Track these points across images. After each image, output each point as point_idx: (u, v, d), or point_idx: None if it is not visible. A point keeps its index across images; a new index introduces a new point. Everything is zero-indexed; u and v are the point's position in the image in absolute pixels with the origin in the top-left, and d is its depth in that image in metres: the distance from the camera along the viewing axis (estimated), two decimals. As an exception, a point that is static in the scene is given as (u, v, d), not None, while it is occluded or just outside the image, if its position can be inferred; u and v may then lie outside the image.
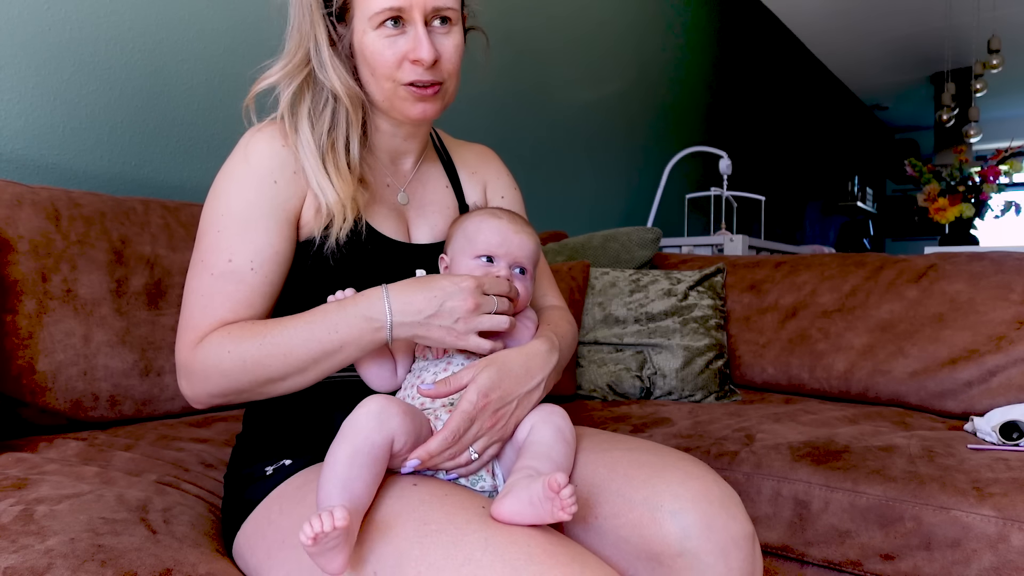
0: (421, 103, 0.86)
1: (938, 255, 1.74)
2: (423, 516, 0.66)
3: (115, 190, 1.48)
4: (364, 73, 0.86)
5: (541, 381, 0.81)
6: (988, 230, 4.57)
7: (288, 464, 0.82)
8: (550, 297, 1.03)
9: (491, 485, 0.78)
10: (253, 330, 0.79)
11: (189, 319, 0.82)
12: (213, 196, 0.86)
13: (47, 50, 1.38)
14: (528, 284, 0.88)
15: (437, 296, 0.76)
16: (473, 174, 1.05)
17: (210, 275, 0.82)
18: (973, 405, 1.49)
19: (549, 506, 0.63)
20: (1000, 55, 4.53)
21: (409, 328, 0.77)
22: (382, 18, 0.82)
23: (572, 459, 0.80)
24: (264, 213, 0.83)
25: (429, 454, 0.71)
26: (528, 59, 2.70)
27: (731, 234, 2.98)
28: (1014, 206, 3.94)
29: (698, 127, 4.05)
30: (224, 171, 0.86)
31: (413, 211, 0.97)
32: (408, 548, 0.63)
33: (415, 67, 0.84)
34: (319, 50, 0.85)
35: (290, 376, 0.79)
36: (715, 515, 0.73)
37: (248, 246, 0.82)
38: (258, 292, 0.83)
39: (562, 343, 0.88)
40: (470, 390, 0.74)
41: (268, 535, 0.76)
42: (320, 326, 0.77)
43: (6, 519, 0.72)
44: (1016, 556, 1.00)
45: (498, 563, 0.60)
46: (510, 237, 0.86)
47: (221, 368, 0.79)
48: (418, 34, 0.82)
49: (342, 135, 0.87)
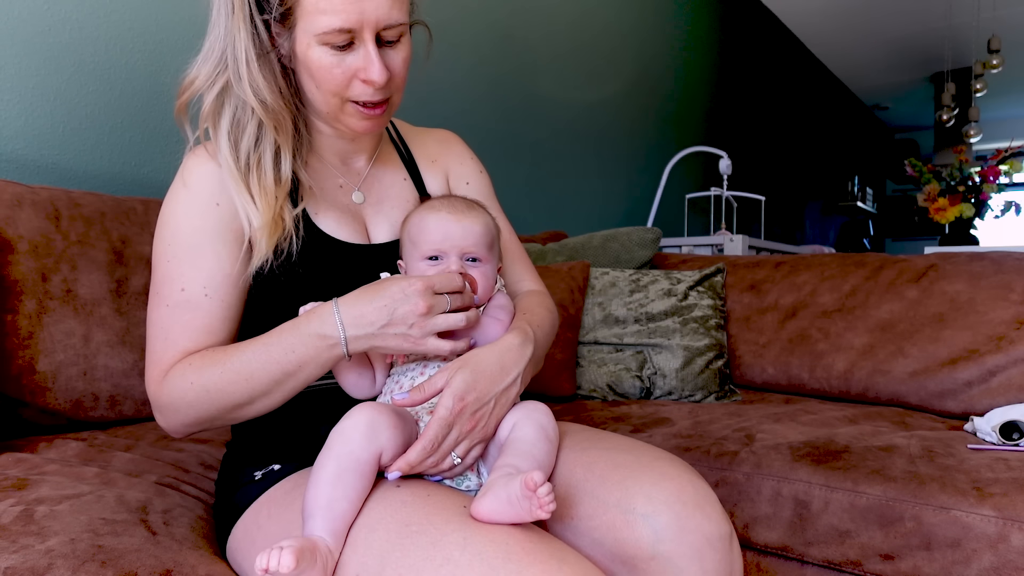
0: (368, 120, 0.83)
1: (938, 255, 1.74)
2: (405, 518, 0.66)
3: (115, 190, 1.48)
4: (307, 84, 0.81)
5: (517, 376, 0.79)
6: (988, 230, 4.57)
7: (276, 469, 0.82)
8: (527, 281, 0.99)
9: (476, 484, 0.78)
10: (214, 358, 0.78)
11: (152, 353, 0.81)
12: (160, 225, 0.83)
13: (47, 50, 1.38)
14: (487, 270, 0.84)
15: (387, 304, 0.73)
16: (433, 163, 1.01)
17: (166, 306, 0.81)
18: (973, 405, 1.49)
19: (527, 504, 0.62)
20: (1000, 55, 4.53)
21: (365, 340, 0.74)
22: (328, 40, 0.76)
23: (554, 456, 0.79)
24: (210, 238, 0.81)
25: (409, 465, 0.71)
26: (529, 60, 2.70)
27: (731, 234, 2.97)
28: (1014, 206, 3.94)
29: (698, 127, 4.05)
30: (168, 198, 0.84)
31: (370, 209, 0.93)
32: (390, 550, 0.63)
33: (366, 87, 0.80)
34: (236, 59, 0.78)
35: (256, 399, 0.77)
36: (688, 516, 0.72)
37: (199, 273, 0.81)
38: (216, 317, 0.81)
39: (538, 332, 0.86)
40: (445, 395, 0.73)
41: (257, 539, 0.76)
42: (276, 348, 0.76)
43: (6, 519, 0.72)
44: (1016, 556, 1.00)
45: (476, 562, 0.60)
46: (451, 229, 0.82)
47: (187, 399, 0.78)
48: (369, 54, 0.78)
49: (269, 149, 0.82)
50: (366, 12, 0.75)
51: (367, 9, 0.75)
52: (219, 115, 0.81)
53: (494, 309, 0.85)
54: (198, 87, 0.81)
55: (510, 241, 1.01)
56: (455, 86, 2.37)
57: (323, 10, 0.75)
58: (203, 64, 0.81)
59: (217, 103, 0.81)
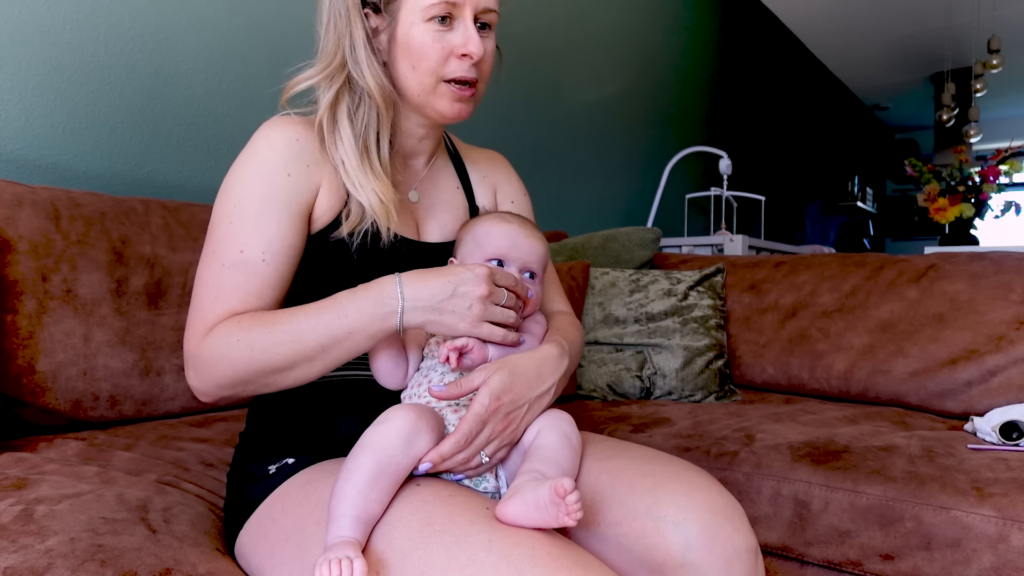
0: (458, 103, 0.88)
1: (938, 255, 1.74)
2: (427, 517, 0.66)
3: (115, 190, 1.48)
4: (403, 66, 0.86)
5: (552, 385, 0.81)
6: (988, 230, 4.57)
7: (291, 462, 0.81)
8: (558, 303, 1.03)
9: (494, 487, 0.78)
10: (263, 318, 0.79)
11: (199, 309, 0.82)
12: (226, 188, 0.85)
13: (47, 50, 1.38)
14: (538, 288, 0.88)
15: (451, 281, 0.75)
16: (484, 178, 1.06)
17: (221, 265, 0.81)
18: (973, 405, 1.49)
19: (554, 510, 0.63)
20: (1000, 55, 4.53)
21: (421, 314, 0.75)
22: (435, 12, 0.82)
23: (578, 465, 0.80)
24: (277, 206, 0.83)
25: (441, 457, 0.71)
26: (529, 60, 2.70)
27: (731, 234, 2.98)
28: (1014, 206, 3.94)
29: (698, 127, 4.05)
30: (238, 163, 0.86)
31: (423, 210, 0.96)
32: (411, 549, 0.63)
33: (462, 62, 0.85)
34: (355, 48, 0.85)
35: (297, 365, 0.77)
36: (719, 527, 0.73)
37: (260, 238, 0.82)
38: (269, 283, 0.82)
39: (571, 349, 0.88)
40: (482, 392, 0.74)
41: (271, 534, 0.76)
42: (330, 312, 0.76)
43: (6, 519, 0.72)
44: (1016, 556, 1.00)
45: (502, 564, 0.60)
46: (520, 241, 0.86)
47: (229, 357, 0.77)
48: (468, 29, 0.84)
49: (373, 135, 0.87)
50: None
51: None
52: (339, 103, 0.87)
53: (531, 323, 0.88)
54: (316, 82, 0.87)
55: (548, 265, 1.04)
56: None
57: None
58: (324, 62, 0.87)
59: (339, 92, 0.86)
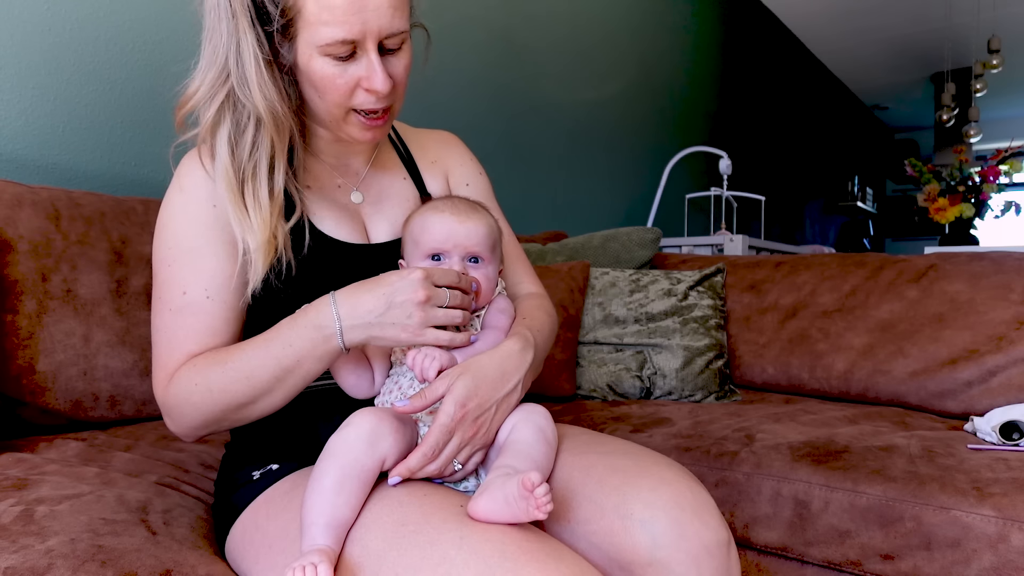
0: (371, 130, 0.83)
1: (938, 255, 1.74)
2: (401, 517, 0.66)
3: (115, 190, 1.48)
4: (309, 93, 0.81)
5: (518, 383, 0.79)
6: (988, 230, 4.56)
7: (275, 469, 0.82)
8: (526, 283, 0.99)
9: (475, 485, 0.78)
10: (216, 358, 0.78)
11: (158, 358, 0.82)
12: (159, 230, 0.83)
13: (47, 50, 1.38)
14: (488, 271, 0.84)
15: (385, 293, 0.73)
16: (433, 163, 1.00)
17: (169, 311, 0.81)
18: (973, 405, 1.49)
19: (524, 504, 0.62)
20: (1000, 55, 4.53)
21: (362, 331, 0.74)
22: (331, 51, 0.75)
23: (552, 458, 0.79)
24: (209, 239, 0.81)
25: (409, 470, 0.71)
26: (529, 60, 2.70)
27: (731, 234, 2.97)
28: (1014, 206, 3.94)
29: (698, 127, 4.05)
30: (164, 204, 0.84)
31: (369, 209, 0.92)
32: (386, 550, 0.63)
33: (369, 95, 0.79)
34: (242, 63, 0.76)
35: (259, 398, 0.77)
36: (687, 523, 0.71)
37: (200, 275, 0.81)
38: (219, 319, 0.81)
39: (538, 337, 0.85)
40: (447, 402, 0.73)
41: (256, 539, 0.76)
42: (275, 344, 0.76)
43: (6, 519, 0.72)
44: (1016, 556, 1.00)
45: (472, 560, 0.60)
46: (455, 228, 0.82)
47: (192, 401, 0.78)
48: (372, 63, 0.77)
49: (265, 160, 0.80)
50: (368, 22, 0.74)
51: (369, 19, 0.74)
52: (219, 124, 0.80)
53: (494, 312, 0.85)
54: (201, 97, 0.79)
55: (509, 243, 1.01)
56: (456, 88, 2.37)
57: (325, 21, 0.74)
58: (206, 72, 0.79)
59: (219, 113, 0.79)
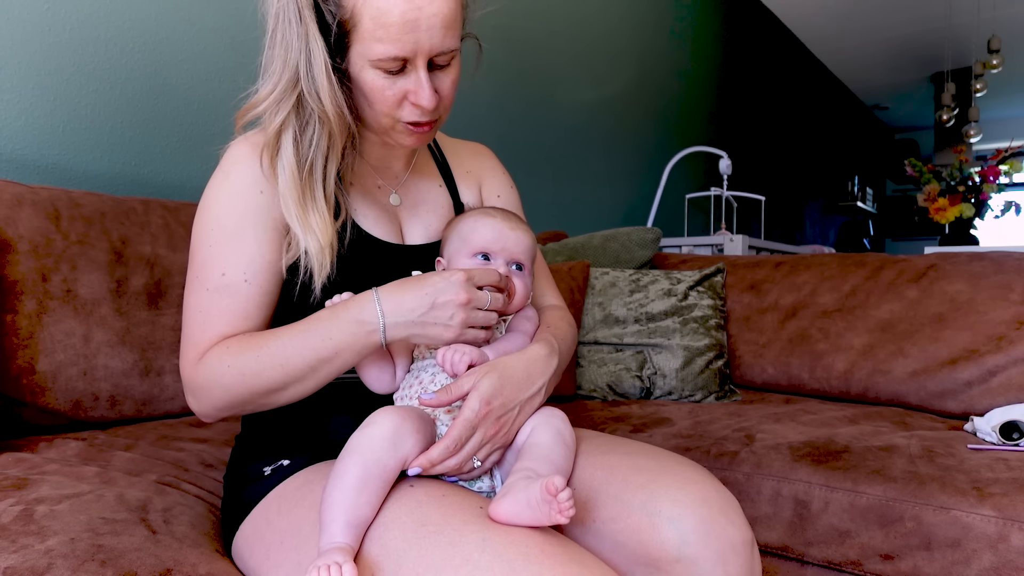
0: (416, 136, 0.85)
1: (938, 255, 1.74)
2: (421, 517, 0.66)
3: (115, 190, 1.48)
4: (360, 101, 0.83)
5: (542, 386, 0.81)
6: (988, 230, 4.57)
7: (286, 464, 0.82)
8: (549, 296, 1.03)
9: (489, 486, 0.78)
10: (251, 342, 0.79)
11: (190, 336, 0.82)
12: (202, 211, 0.85)
13: (47, 50, 1.38)
14: (527, 280, 0.88)
15: (428, 293, 0.75)
16: (468, 173, 1.04)
17: (205, 291, 0.82)
18: (973, 405, 1.49)
19: (547, 508, 0.63)
20: (1000, 55, 4.53)
21: (404, 328, 0.76)
22: (382, 66, 0.78)
23: (571, 462, 0.80)
24: (253, 224, 0.82)
25: (431, 462, 0.71)
26: (529, 60, 2.70)
27: (731, 234, 2.97)
28: (1014, 206, 3.94)
29: (698, 127, 4.05)
30: (210, 186, 0.85)
31: (406, 212, 0.95)
32: (406, 549, 0.63)
33: (415, 109, 0.81)
34: (312, 69, 0.78)
35: (290, 385, 0.78)
36: (714, 521, 0.73)
37: (240, 258, 0.82)
38: (254, 303, 0.82)
39: (561, 346, 0.88)
40: (472, 398, 0.74)
41: (266, 536, 0.76)
42: (314, 334, 0.76)
43: (6, 519, 0.72)
44: (1016, 556, 1.00)
45: (496, 563, 0.60)
46: (505, 233, 0.86)
47: (222, 383, 0.79)
48: (420, 79, 0.79)
49: (321, 161, 0.82)
50: (420, 42, 0.77)
51: (422, 39, 0.76)
52: (286, 127, 0.81)
53: (521, 318, 0.88)
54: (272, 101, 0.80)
55: (537, 257, 1.04)
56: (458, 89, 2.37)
57: (379, 38, 0.76)
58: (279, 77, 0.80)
59: (288, 116, 0.81)
